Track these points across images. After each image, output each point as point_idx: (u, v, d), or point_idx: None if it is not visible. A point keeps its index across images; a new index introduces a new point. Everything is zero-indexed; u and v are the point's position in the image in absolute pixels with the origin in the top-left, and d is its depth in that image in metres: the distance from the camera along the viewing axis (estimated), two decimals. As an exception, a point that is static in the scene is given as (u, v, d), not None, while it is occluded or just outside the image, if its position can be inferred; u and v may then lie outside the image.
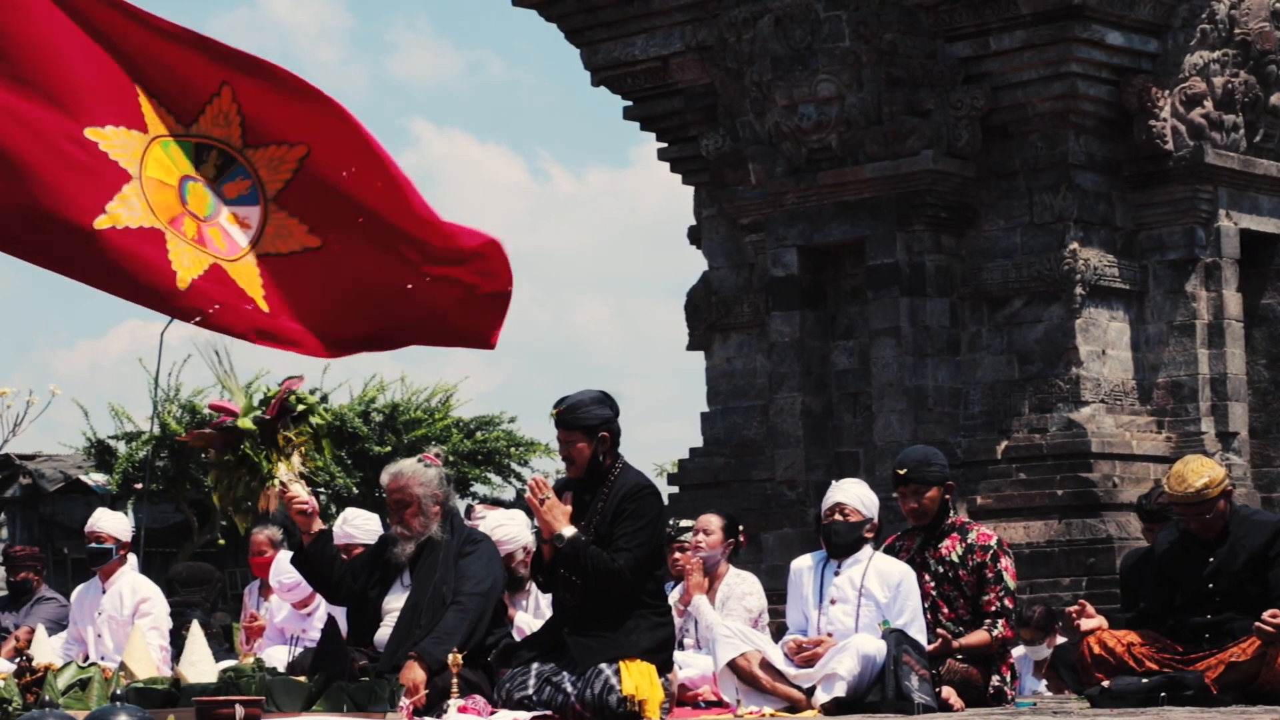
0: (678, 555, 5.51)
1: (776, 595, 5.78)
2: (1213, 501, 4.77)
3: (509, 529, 5.41)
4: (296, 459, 4.47)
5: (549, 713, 4.49)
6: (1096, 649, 4.83)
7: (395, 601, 4.71)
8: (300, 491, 4.55)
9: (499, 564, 4.85)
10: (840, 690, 4.60)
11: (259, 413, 4.41)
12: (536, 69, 37.46)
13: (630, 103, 9.86)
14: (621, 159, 38.60)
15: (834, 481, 5.06)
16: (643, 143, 39.43)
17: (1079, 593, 7.89)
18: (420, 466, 4.79)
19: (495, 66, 38.47)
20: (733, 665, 4.74)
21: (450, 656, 4.39)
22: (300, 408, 4.48)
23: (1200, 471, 4.77)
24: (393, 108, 36.70)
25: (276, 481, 4.42)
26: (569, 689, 4.48)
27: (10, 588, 6.90)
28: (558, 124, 36.98)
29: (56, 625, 6.22)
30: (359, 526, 5.55)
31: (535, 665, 4.55)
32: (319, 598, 5.72)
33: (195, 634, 4.46)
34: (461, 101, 37.16)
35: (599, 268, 37.24)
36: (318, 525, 4.70)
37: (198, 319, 3.90)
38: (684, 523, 5.66)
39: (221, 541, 15.62)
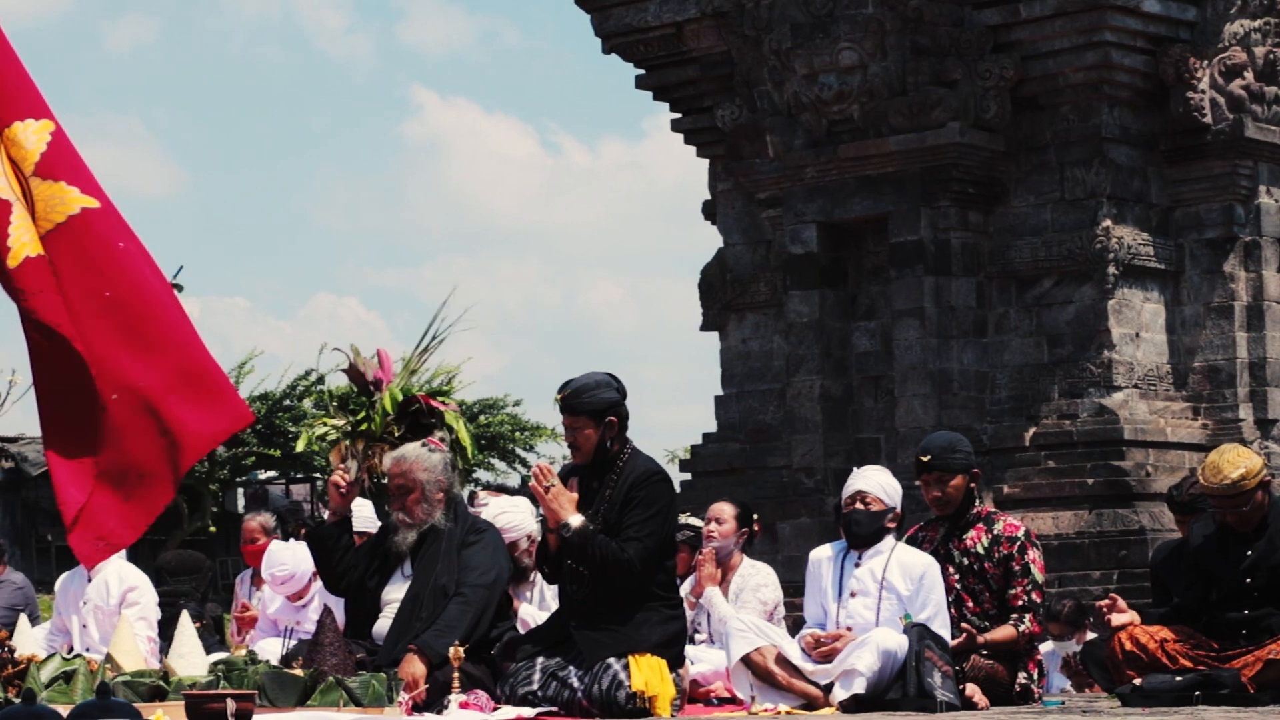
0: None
1: (793, 587, 5.61)
2: (1250, 493, 4.64)
3: (512, 516, 5.26)
4: (378, 451, 4.43)
5: (554, 709, 4.36)
6: (1128, 645, 4.71)
7: (395, 592, 4.61)
8: (352, 470, 4.53)
9: (504, 554, 4.72)
10: (859, 687, 4.48)
11: (403, 392, 4.38)
12: (553, 37, 37.29)
13: (643, 71, 9.67)
14: (635, 130, 38.44)
15: (855, 469, 4.93)
16: (656, 113, 39.25)
17: (1110, 586, 7.72)
18: (424, 451, 4.69)
19: (510, 35, 38.30)
20: (747, 660, 4.63)
21: (452, 650, 4.29)
22: (425, 420, 4.46)
23: (1236, 462, 4.63)
24: (401, 76, 36.57)
25: (348, 444, 4.34)
26: (575, 684, 4.37)
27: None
28: (568, 94, 36.85)
29: (11, 611, 6.15)
30: (353, 513, 5.37)
31: (540, 660, 4.44)
32: (313, 588, 5.59)
33: (185, 625, 4.32)
34: (471, 71, 37.03)
35: (612, 244, 37.15)
36: (346, 510, 4.67)
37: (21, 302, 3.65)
38: (689, 519, 5.48)
39: (212, 529, 15.58)
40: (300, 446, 4.92)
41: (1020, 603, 4.75)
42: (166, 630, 5.38)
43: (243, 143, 36.04)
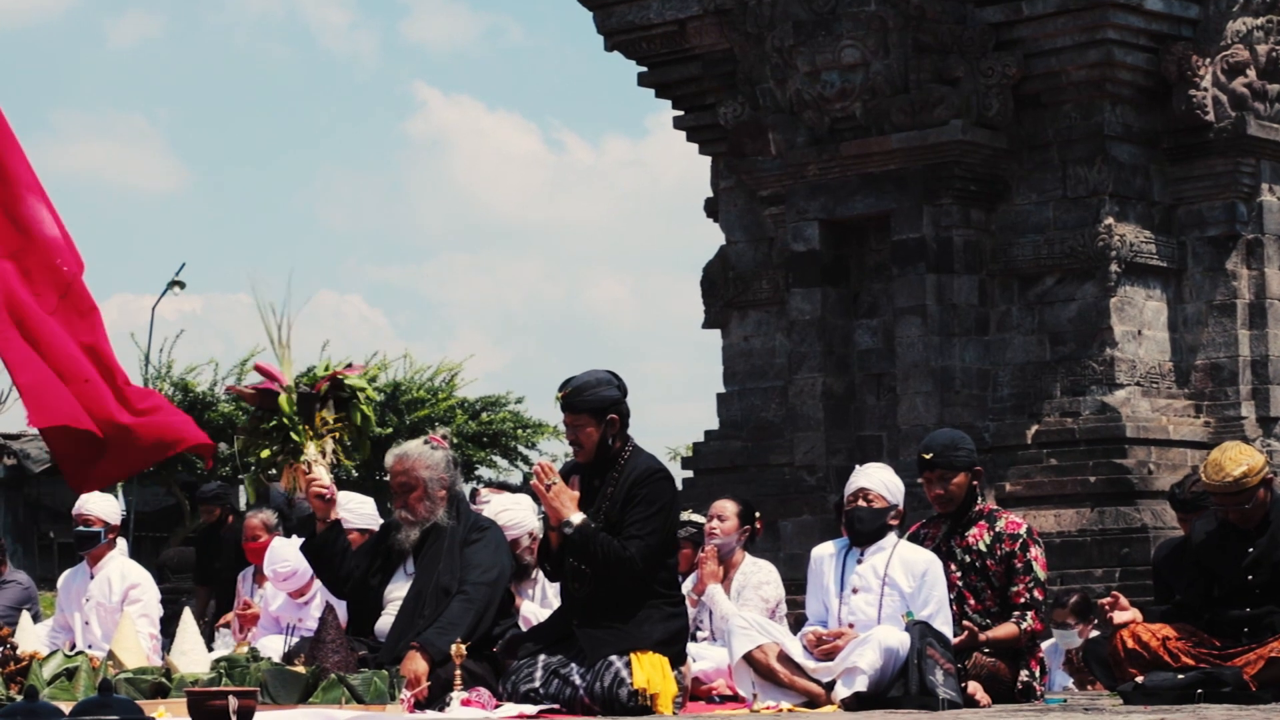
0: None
1: (795, 585, 5.61)
2: (1252, 491, 4.63)
3: (514, 514, 5.25)
4: (329, 443, 4.38)
5: (556, 707, 4.35)
6: (1130, 643, 4.70)
7: (398, 590, 4.61)
8: (323, 475, 4.51)
9: (506, 552, 4.71)
10: (861, 684, 4.47)
11: (305, 387, 4.32)
12: (557, 35, 37.25)
13: (645, 69, 9.65)
14: (638, 128, 38.41)
15: (857, 466, 4.92)
16: (659, 110, 39.27)
17: (1112, 584, 7.70)
18: (426, 449, 4.67)
19: (514, 32, 38.28)
20: (749, 658, 4.61)
21: (454, 647, 4.28)
22: (345, 394, 4.37)
23: (1239, 459, 4.62)
24: (403, 73, 36.55)
25: (303, 460, 4.30)
26: (577, 681, 4.36)
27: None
28: (572, 91, 36.82)
29: (14, 610, 6.17)
30: (354, 511, 5.39)
31: (542, 657, 4.43)
32: (315, 585, 5.58)
33: (187, 622, 4.32)
34: (474, 68, 37.01)
35: (614, 241, 37.13)
36: (334, 514, 4.64)
37: None
38: (692, 516, 5.48)
39: (214, 525, 15.58)
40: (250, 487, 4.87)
41: (1022, 600, 4.75)
42: (169, 627, 5.38)
43: (246, 139, 36.05)
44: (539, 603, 5.27)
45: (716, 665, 4.96)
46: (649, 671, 4.33)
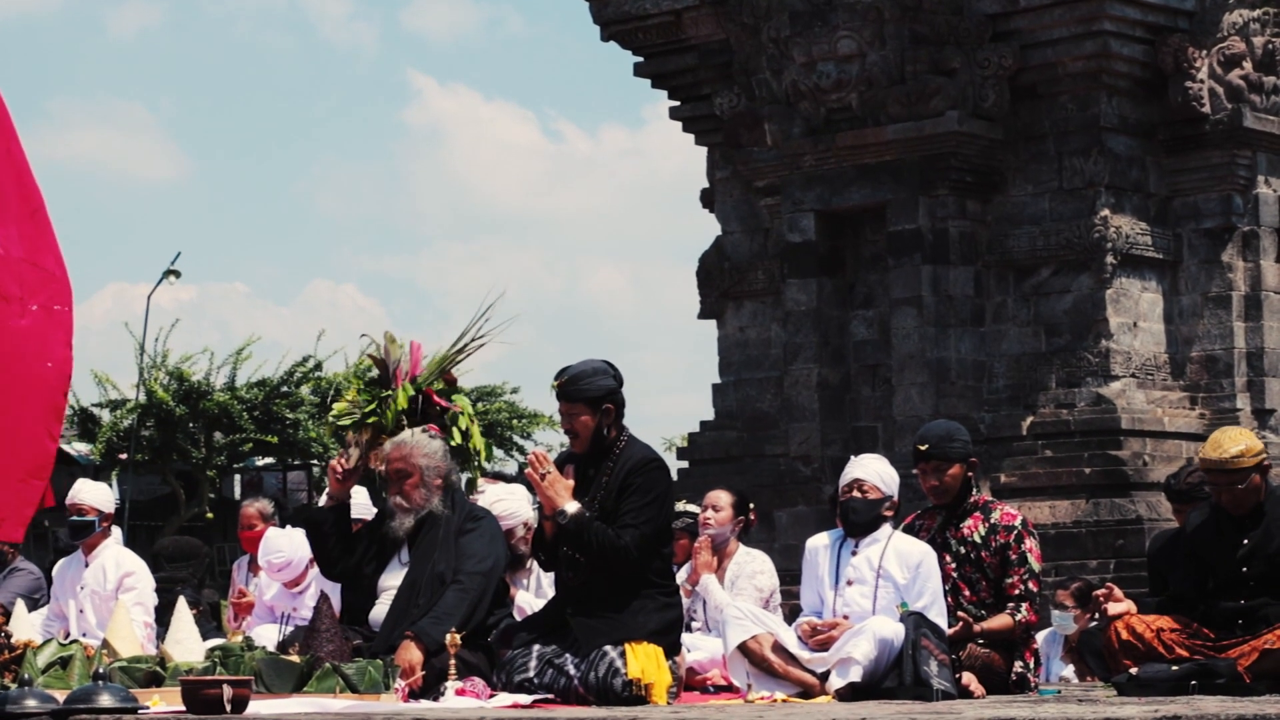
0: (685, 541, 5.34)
1: (790, 576, 5.61)
2: (1247, 471, 4.62)
3: (509, 504, 5.25)
4: (379, 442, 4.44)
5: (551, 696, 4.34)
6: (1124, 634, 4.69)
7: (392, 579, 4.61)
8: (352, 458, 4.61)
9: (501, 542, 4.72)
10: (856, 675, 4.46)
11: (415, 386, 4.40)
12: (557, 25, 37.22)
13: (641, 59, 9.63)
14: (636, 118, 38.37)
15: (852, 457, 4.91)
16: (656, 101, 39.23)
17: (1107, 575, 7.71)
18: (424, 437, 4.68)
19: (514, 22, 38.23)
20: (743, 648, 4.61)
21: (448, 637, 4.28)
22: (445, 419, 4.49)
23: (1237, 439, 4.64)
24: (400, 63, 36.49)
25: (352, 435, 4.48)
26: (572, 671, 4.36)
27: (-18, 561, 6.81)
28: (571, 81, 36.78)
29: (29, 597, 6.16)
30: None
31: (536, 647, 4.43)
32: (310, 575, 5.58)
33: (182, 611, 4.32)
34: (474, 58, 36.97)
35: (612, 231, 37.14)
36: (344, 498, 4.68)
37: None
38: (687, 506, 5.48)
39: (209, 515, 15.62)
40: (327, 434, 5.02)
41: (1017, 592, 4.76)
42: (163, 616, 5.38)
43: (245, 128, 35.99)
44: (534, 592, 5.27)
45: (711, 655, 4.97)
46: (643, 662, 4.33)
